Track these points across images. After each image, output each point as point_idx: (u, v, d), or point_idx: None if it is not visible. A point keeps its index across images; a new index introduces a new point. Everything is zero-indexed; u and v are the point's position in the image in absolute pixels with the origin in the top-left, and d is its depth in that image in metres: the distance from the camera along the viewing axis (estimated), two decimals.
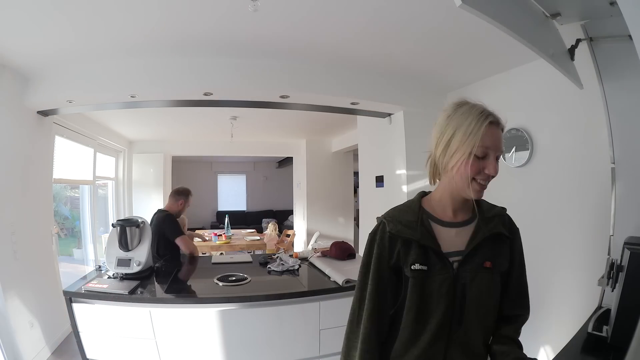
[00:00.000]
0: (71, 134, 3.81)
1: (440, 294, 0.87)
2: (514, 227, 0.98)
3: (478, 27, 1.83)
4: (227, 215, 6.10)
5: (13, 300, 2.40)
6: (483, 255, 0.90)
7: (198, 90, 2.62)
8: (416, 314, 0.88)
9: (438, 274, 0.87)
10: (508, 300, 0.96)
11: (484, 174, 0.86)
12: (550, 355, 2.22)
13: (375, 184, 3.78)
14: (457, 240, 0.91)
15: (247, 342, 2.04)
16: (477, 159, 0.85)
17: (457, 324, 0.88)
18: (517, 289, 0.97)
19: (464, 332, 0.88)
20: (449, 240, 0.91)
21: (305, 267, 2.70)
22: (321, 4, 1.79)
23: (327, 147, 6.55)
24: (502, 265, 0.92)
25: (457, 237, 0.92)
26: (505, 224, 0.96)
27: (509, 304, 0.96)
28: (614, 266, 1.25)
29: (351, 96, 2.82)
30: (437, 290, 0.87)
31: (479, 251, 0.90)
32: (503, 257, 0.93)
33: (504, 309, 0.96)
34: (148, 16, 1.89)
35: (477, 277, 0.88)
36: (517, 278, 0.97)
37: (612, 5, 1.29)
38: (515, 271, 0.96)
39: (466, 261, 0.89)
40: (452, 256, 0.89)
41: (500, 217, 0.95)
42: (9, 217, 2.46)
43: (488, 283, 0.90)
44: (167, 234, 2.88)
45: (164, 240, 2.89)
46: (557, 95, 2.23)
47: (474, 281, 0.88)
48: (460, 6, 0.96)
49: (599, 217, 1.88)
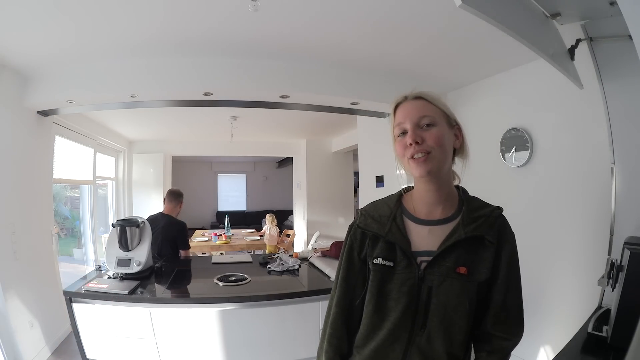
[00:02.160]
0: (71, 134, 3.81)
1: (400, 292, 0.83)
2: (506, 232, 0.86)
3: (478, 27, 1.83)
4: (227, 215, 6.11)
5: (13, 300, 2.39)
6: (457, 259, 0.81)
7: (198, 90, 2.62)
8: (374, 307, 0.86)
9: (402, 272, 0.84)
10: (490, 317, 0.85)
11: (409, 148, 0.83)
12: (550, 355, 2.22)
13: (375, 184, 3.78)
14: (429, 239, 0.85)
15: (247, 342, 2.04)
16: (401, 138, 0.86)
17: (419, 328, 0.82)
18: (502, 307, 0.84)
19: (426, 339, 0.82)
20: (420, 239, 0.85)
21: (305, 267, 2.70)
22: (321, 4, 1.79)
23: (327, 147, 6.55)
24: (481, 274, 0.82)
25: (430, 235, 0.85)
26: (493, 226, 0.84)
27: (490, 321, 0.85)
28: (614, 266, 1.25)
29: (351, 96, 2.82)
30: (397, 289, 0.84)
31: (453, 254, 0.81)
32: (483, 264, 0.82)
33: (485, 325, 0.86)
34: (148, 16, 1.89)
35: (446, 283, 0.81)
36: (502, 292, 0.84)
37: (612, 5, 1.29)
38: (500, 285, 0.84)
39: (435, 263, 0.82)
40: (421, 255, 0.84)
41: (486, 218, 0.84)
42: (9, 217, 2.46)
43: (458, 291, 0.80)
44: (178, 243, 3.07)
45: (171, 245, 3.01)
46: (557, 95, 2.23)
47: (441, 286, 0.81)
48: (460, 6, 0.96)
49: (599, 217, 1.88)
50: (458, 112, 0.90)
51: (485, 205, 0.89)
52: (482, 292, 0.84)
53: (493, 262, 0.83)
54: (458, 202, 0.89)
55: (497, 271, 0.84)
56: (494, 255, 0.83)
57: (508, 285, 0.85)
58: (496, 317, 0.85)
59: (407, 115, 0.85)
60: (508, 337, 0.86)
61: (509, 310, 0.86)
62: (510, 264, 0.85)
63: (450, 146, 0.86)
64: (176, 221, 3.11)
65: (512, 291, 0.85)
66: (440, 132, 0.83)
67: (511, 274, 0.85)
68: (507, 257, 0.84)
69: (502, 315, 0.85)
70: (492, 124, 2.66)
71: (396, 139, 0.88)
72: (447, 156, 0.85)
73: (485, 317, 0.86)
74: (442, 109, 0.86)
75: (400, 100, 0.90)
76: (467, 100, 2.97)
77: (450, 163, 0.88)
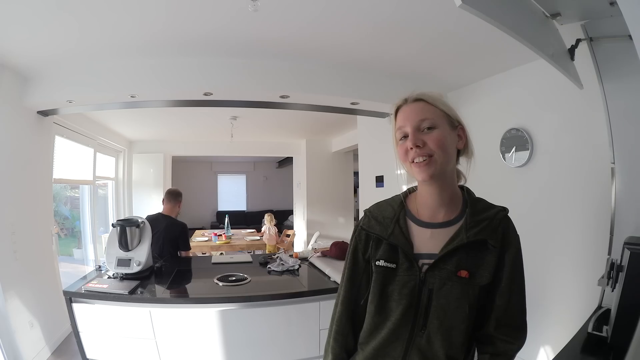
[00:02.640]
0: (71, 134, 3.81)
1: (401, 294, 0.84)
2: (510, 235, 0.85)
3: (478, 27, 1.83)
4: (227, 215, 6.11)
5: (13, 300, 2.39)
6: (459, 262, 0.81)
7: (198, 90, 2.62)
8: (376, 308, 0.88)
9: (403, 274, 0.85)
10: (493, 320, 0.85)
11: (410, 151, 0.83)
12: (550, 355, 2.22)
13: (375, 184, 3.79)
14: (431, 242, 0.85)
15: (247, 342, 2.04)
16: (402, 142, 0.86)
17: (420, 329, 0.84)
18: (504, 311, 0.84)
19: (426, 340, 0.83)
20: (422, 242, 0.86)
21: (305, 267, 2.70)
22: (321, 5, 1.79)
23: (327, 147, 6.55)
24: (482, 278, 0.82)
25: (432, 238, 0.85)
26: (497, 230, 0.83)
27: (493, 324, 0.85)
28: (614, 266, 1.25)
29: (351, 96, 2.82)
30: (399, 290, 0.85)
31: (454, 258, 0.82)
32: (485, 268, 0.82)
33: (488, 328, 0.85)
34: (148, 17, 1.89)
35: (447, 286, 0.81)
36: (505, 296, 0.84)
37: (612, 5, 1.29)
38: (503, 288, 0.83)
39: (436, 266, 0.82)
40: (423, 258, 0.85)
41: (490, 221, 0.83)
42: (9, 217, 2.46)
43: (459, 294, 0.81)
44: (180, 244, 3.09)
45: (172, 245, 3.02)
46: (557, 95, 2.23)
47: (442, 289, 0.81)
48: (460, 6, 0.95)
49: (599, 217, 1.88)
50: (458, 112, 0.89)
51: (490, 207, 0.88)
52: (485, 295, 0.84)
53: (496, 266, 0.83)
54: (462, 203, 0.88)
55: (500, 275, 0.83)
56: (496, 259, 0.83)
57: (511, 289, 0.84)
58: (499, 320, 0.85)
59: (408, 119, 0.85)
60: (511, 341, 0.86)
61: (511, 313, 0.85)
62: (514, 268, 0.84)
63: (453, 147, 0.86)
64: (178, 222, 3.13)
65: (515, 295, 0.85)
66: (442, 135, 0.83)
67: (514, 278, 0.84)
68: (511, 261, 0.84)
69: (505, 319, 0.85)
70: (492, 124, 2.66)
71: (398, 143, 0.88)
72: (450, 158, 0.85)
73: (488, 320, 0.86)
74: (443, 110, 0.85)
75: (400, 103, 0.89)
76: (467, 100, 2.97)
77: (454, 164, 0.88)
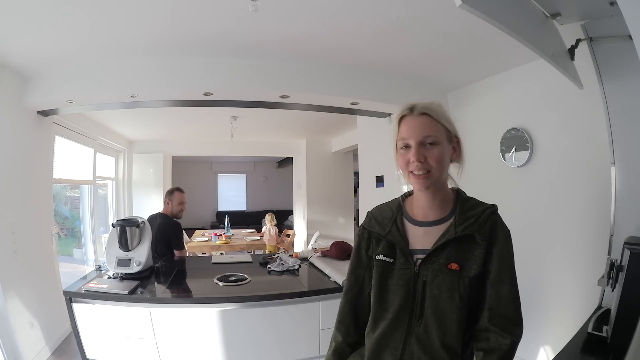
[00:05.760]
0: (71, 134, 3.81)
1: (398, 286, 0.93)
2: (498, 230, 0.90)
3: (478, 27, 1.83)
4: (227, 215, 6.11)
5: (13, 300, 2.39)
6: (449, 256, 0.89)
7: (198, 90, 2.61)
8: (377, 299, 0.97)
9: (400, 268, 0.95)
10: (486, 310, 0.89)
11: (412, 164, 0.90)
12: (550, 355, 2.23)
13: (375, 184, 3.78)
14: (424, 238, 0.94)
15: (247, 342, 2.04)
16: (403, 151, 0.92)
17: (417, 319, 0.91)
18: (496, 300, 0.88)
19: (423, 328, 0.90)
20: (416, 239, 0.96)
21: (305, 267, 2.70)
22: (321, 5, 1.79)
23: (327, 147, 6.55)
24: (471, 270, 0.88)
25: (426, 235, 0.94)
26: (484, 225, 0.89)
27: (487, 315, 0.89)
28: (614, 266, 1.25)
29: (351, 96, 2.82)
30: (396, 282, 0.94)
31: (445, 252, 0.90)
32: (474, 260, 0.88)
33: (482, 320, 0.89)
34: (148, 17, 1.89)
35: (439, 278, 0.89)
36: (495, 286, 0.88)
37: (612, 5, 1.29)
38: (492, 278, 0.88)
39: (429, 260, 0.91)
40: (417, 253, 0.94)
41: (477, 218, 0.90)
42: (9, 217, 2.45)
43: (450, 285, 0.88)
44: (172, 243, 3.05)
45: (165, 245, 2.99)
46: (557, 95, 2.23)
47: (434, 281, 0.90)
48: (460, 6, 0.96)
49: (599, 217, 1.88)
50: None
51: (478, 205, 0.95)
52: (477, 287, 0.90)
53: (484, 258, 0.89)
54: (453, 203, 0.96)
55: (490, 267, 0.89)
56: (484, 252, 0.89)
57: (501, 278, 0.89)
58: (491, 310, 0.89)
59: (412, 133, 0.91)
60: (504, 335, 0.86)
61: (504, 303, 0.89)
62: (502, 259, 0.89)
63: (448, 161, 0.94)
64: (171, 221, 3.09)
65: (505, 284, 0.89)
66: (441, 152, 0.91)
67: (503, 268, 0.89)
68: (499, 253, 0.90)
69: (498, 308, 0.88)
70: (492, 124, 2.66)
71: (398, 150, 0.94)
72: (445, 170, 0.94)
73: (482, 311, 0.90)
74: (444, 125, 0.92)
75: (405, 112, 0.93)
76: (467, 100, 2.96)
77: (447, 172, 0.96)
